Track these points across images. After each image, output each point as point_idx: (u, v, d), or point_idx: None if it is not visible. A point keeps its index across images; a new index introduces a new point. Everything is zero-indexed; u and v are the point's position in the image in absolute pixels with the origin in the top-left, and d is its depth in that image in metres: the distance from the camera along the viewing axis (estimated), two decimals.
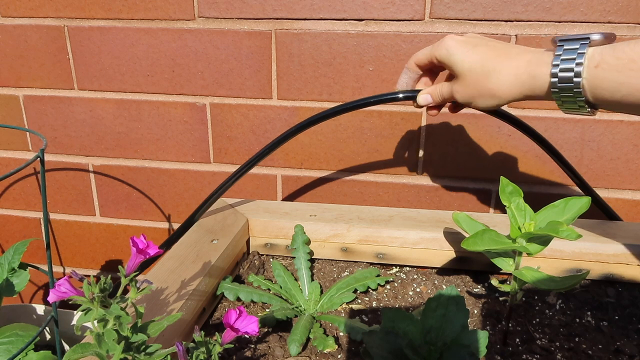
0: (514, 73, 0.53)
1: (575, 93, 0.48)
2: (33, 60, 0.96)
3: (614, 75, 0.45)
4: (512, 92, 0.53)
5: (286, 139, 0.71)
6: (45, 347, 0.99)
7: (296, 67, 0.88)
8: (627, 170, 0.85)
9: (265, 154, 0.72)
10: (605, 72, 0.46)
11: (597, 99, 0.48)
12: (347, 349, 0.60)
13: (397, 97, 0.66)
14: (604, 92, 0.47)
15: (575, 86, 0.48)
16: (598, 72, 0.46)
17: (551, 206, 0.58)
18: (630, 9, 0.76)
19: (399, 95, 0.66)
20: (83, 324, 0.41)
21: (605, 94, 0.47)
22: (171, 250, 0.69)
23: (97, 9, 0.90)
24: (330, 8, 0.83)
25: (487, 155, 0.88)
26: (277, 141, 0.71)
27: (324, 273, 0.77)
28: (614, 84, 0.45)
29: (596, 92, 0.47)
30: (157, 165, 1.00)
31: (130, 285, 0.44)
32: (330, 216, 0.80)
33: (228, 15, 0.87)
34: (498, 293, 0.70)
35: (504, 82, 0.53)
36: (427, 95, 0.63)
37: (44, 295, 1.19)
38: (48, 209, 0.98)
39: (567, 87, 0.48)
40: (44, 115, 1.00)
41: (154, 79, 0.93)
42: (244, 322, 0.44)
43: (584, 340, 0.62)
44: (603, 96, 0.47)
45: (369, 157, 0.92)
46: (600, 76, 0.46)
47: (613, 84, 0.45)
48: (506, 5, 0.79)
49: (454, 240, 0.74)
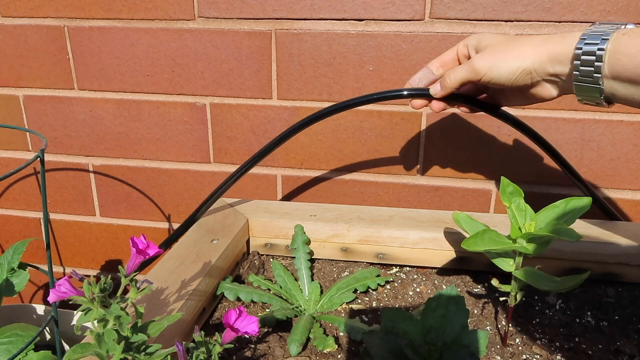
0: (545, 38, 0.54)
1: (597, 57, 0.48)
2: (33, 60, 0.96)
3: (638, 41, 0.46)
4: (539, 53, 0.53)
5: (287, 137, 0.71)
6: (45, 347, 0.99)
7: (296, 67, 0.88)
8: (627, 170, 0.85)
9: (266, 152, 0.72)
10: (630, 38, 0.47)
11: (615, 68, 0.48)
12: (347, 349, 0.60)
13: (402, 94, 0.65)
14: (624, 58, 0.47)
15: (598, 55, 0.48)
16: (623, 38, 0.47)
17: (552, 206, 0.58)
18: (630, 9, 0.76)
19: (403, 92, 0.65)
20: (83, 324, 0.41)
21: (624, 60, 0.47)
22: (171, 250, 0.69)
23: (97, 9, 0.90)
24: (330, 8, 0.83)
25: (487, 155, 0.88)
26: (279, 139, 0.71)
27: (324, 273, 0.77)
28: (635, 49, 0.46)
29: (617, 57, 0.47)
30: (157, 165, 1.00)
31: (130, 285, 0.44)
32: (330, 216, 0.80)
33: (228, 15, 0.87)
34: (498, 293, 0.70)
35: (534, 44, 0.54)
36: (436, 84, 0.63)
37: (44, 295, 1.19)
38: (48, 209, 0.98)
39: (590, 50, 0.49)
40: (44, 115, 1.00)
41: (154, 79, 0.93)
42: (244, 322, 0.44)
43: (584, 340, 0.62)
44: (622, 62, 0.47)
45: (369, 157, 0.92)
46: (624, 41, 0.47)
47: (634, 50, 0.46)
48: (506, 5, 0.79)
49: (454, 240, 0.74)
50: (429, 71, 0.65)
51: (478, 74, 0.57)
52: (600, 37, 0.48)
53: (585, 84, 0.51)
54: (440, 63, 0.65)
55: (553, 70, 0.53)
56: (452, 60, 0.64)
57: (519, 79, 0.55)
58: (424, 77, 0.65)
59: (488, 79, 0.57)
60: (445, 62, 0.64)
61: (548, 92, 0.56)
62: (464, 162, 0.89)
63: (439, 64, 0.65)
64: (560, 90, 0.56)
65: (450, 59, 0.64)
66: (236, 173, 0.74)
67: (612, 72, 0.48)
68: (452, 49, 0.64)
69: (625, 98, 0.49)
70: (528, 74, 0.55)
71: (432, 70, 0.65)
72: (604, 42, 0.48)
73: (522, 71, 0.54)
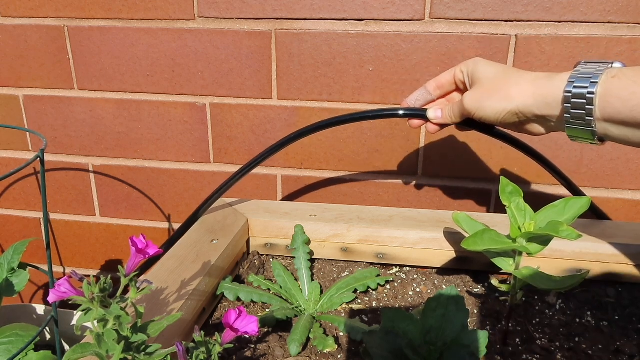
0: (533, 78, 0.54)
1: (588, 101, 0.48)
2: (33, 60, 0.96)
3: (629, 84, 0.46)
4: (525, 95, 0.54)
5: (288, 143, 0.71)
6: (45, 347, 0.99)
7: (296, 67, 0.88)
8: (627, 170, 0.85)
9: (264, 158, 0.72)
10: (620, 81, 0.47)
11: (607, 110, 0.48)
12: (347, 349, 0.60)
13: (397, 113, 0.66)
14: (615, 102, 0.47)
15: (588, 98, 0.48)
16: (614, 81, 0.47)
17: (551, 206, 0.58)
18: (630, 9, 0.76)
19: (399, 112, 0.66)
20: (83, 324, 0.41)
21: (616, 103, 0.47)
22: (171, 250, 0.69)
23: (97, 9, 0.90)
24: (330, 8, 0.83)
25: (487, 155, 0.88)
26: (278, 145, 0.71)
27: (324, 273, 0.77)
28: (627, 92, 0.46)
29: (608, 100, 0.47)
30: (157, 165, 1.00)
31: (130, 285, 0.44)
32: (330, 216, 0.80)
33: (228, 15, 0.87)
34: (498, 293, 0.70)
35: (522, 84, 0.54)
36: (438, 110, 0.64)
37: (44, 295, 1.19)
38: (48, 209, 0.98)
39: (580, 94, 0.48)
40: (44, 115, 1.00)
41: (154, 79, 0.93)
42: (244, 322, 0.44)
43: (584, 340, 0.62)
44: (614, 105, 0.47)
45: (369, 157, 0.92)
46: (615, 85, 0.47)
47: (626, 92, 0.46)
48: (506, 5, 0.79)
49: (454, 240, 0.74)
50: (427, 92, 0.67)
51: (469, 113, 0.59)
52: (589, 80, 0.48)
53: (576, 127, 0.51)
54: (437, 85, 0.66)
55: (540, 112, 0.53)
56: (449, 83, 0.65)
57: (506, 118, 0.57)
58: (421, 98, 0.67)
59: (478, 117, 0.59)
60: (443, 85, 0.65)
61: (537, 129, 0.57)
62: (464, 162, 0.89)
63: (436, 85, 0.66)
64: (548, 129, 0.56)
65: (447, 82, 0.65)
66: (235, 175, 0.74)
67: (604, 114, 0.48)
68: (449, 71, 0.64)
69: (619, 139, 0.49)
70: (514, 115, 0.56)
71: (430, 91, 0.66)
72: (594, 85, 0.48)
73: (508, 112, 0.56)
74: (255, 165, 0.73)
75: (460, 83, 0.64)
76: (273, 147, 0.72)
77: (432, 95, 0.67)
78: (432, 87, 0.66)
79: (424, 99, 0.67)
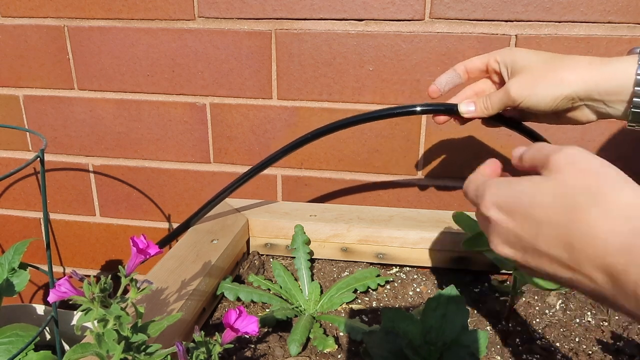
0: (588, 62, 0.51)
1: None
2: (33, 60, 0.96)
3: None
4: (583, 79, 0.51)
5: (297, 147, 0.68)
6: (45, 347, 0.99)
7: (296, 67, 0.88)
8: (627, 170, 0.85)
9: (269, 163, 0.71)
10: None
11: None
12: (347, 349, 0.60)
13: (415, 110, 0.62)
14: None
15: None
16: None
17: None
18: (630, 9, 0.76)
19: (416, 109, 0.62)
20: (83, 324, 0.41)
21: None
22: (171, 250, 0.69)
23: (97, 9, 0.90)
24: (330, 8, 0.83)
25: (488, 155, 0.88)
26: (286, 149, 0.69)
27: (324, 273, 0.77)
28: None
29: None
30: (157, 165, 1.00)
31: (130, 285, 0.44)
32: (330, 216, 0.80)
33: (228, 15, 0.87)
34: (498, 293, 0.70)
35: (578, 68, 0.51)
36: (470, 103, 0.59)
37: (44, 295, 1.19)
38: (48, 209, 0.98)
39: None
40: (44, 115, 1.00)
41: (154, 79, 0.93)
42: (244, 322, 0.44)
43: (584, 340, 0.62)
44: None
45: (369, 157, 0.92)
46: None
47: None
48: (506, 5, 0.79)
49: (454, 240, 0.74)
50: (456, 75, 0.62)
51: (515, 102, 0.55)
52: None
53: None
54: (466, 68, 0.61)
55: (600, 97, 0.51)
56: (479, 70, 0.61)
57: (560, 105, 0.53)
58: (451, 81, 0.62)
59: (526, 105, 0.55)
60: (472, 70, 0.61)
61: (586, 116, 0.54)
62: (464, 162, 0.89)
63: (465, 69, 0.61)
64: (600, 115, 0.54)
65: (477, 69, 0.61)
66: (238, 180, 0.73)
67: None
68: (481, 57, 0.60)
69: None
70: (570, 100, 0.52)
71: (460, 74, 0.62)
72: None
73: (564, 98, 0.52)
74: (259, 171, 0.71)
75: (494, 73, 0.60)
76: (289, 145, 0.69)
77: (462, 78, 0.62)
78: (462, 70, 0.61)
79: (453, 82, 0.62)
